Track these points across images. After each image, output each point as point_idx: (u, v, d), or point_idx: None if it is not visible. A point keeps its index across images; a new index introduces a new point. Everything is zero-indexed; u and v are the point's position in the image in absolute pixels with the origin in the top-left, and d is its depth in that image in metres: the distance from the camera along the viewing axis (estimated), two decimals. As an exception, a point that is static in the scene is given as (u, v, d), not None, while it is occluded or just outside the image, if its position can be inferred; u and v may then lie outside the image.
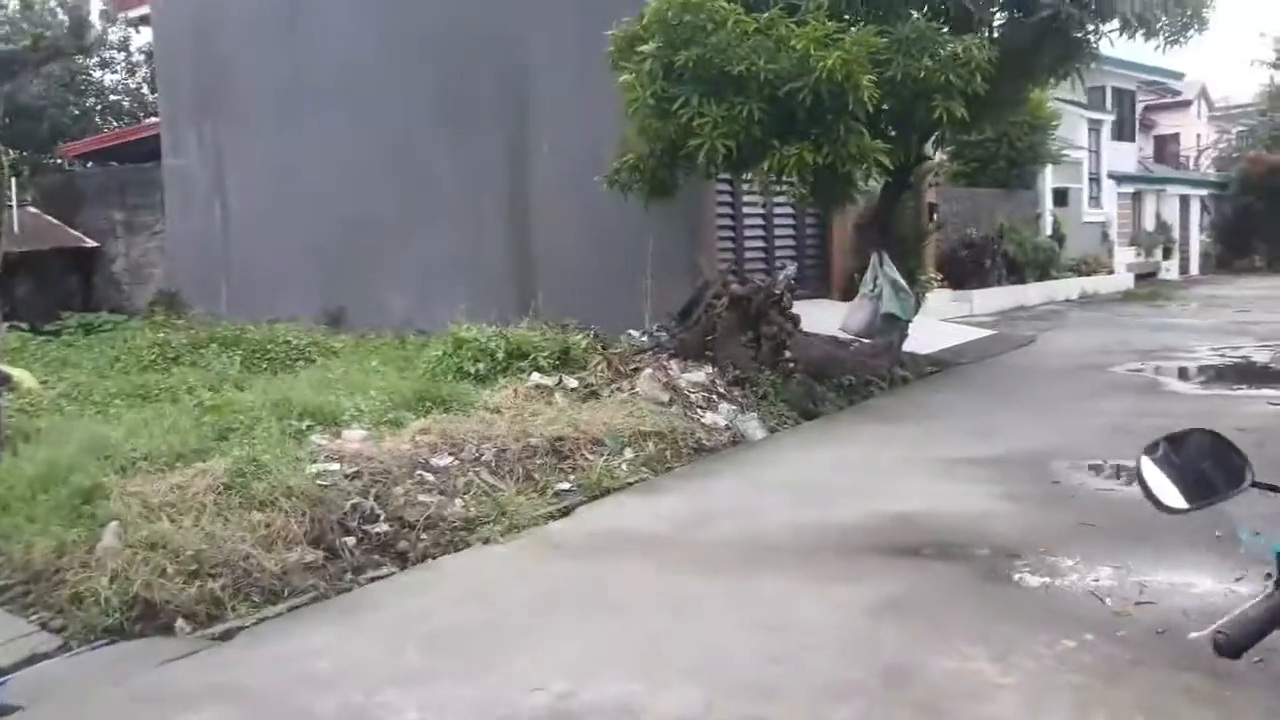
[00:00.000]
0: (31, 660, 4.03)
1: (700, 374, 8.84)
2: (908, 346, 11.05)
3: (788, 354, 9.25)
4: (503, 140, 12.48)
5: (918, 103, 8.76)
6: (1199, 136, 41.80)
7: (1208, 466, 1.82)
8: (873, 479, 6.59)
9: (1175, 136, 40.68)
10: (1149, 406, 8.91)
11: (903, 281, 10.84)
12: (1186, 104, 40.64)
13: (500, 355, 8.70)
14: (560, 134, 12.11)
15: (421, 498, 5.82)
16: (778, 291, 9.35)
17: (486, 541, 5.42)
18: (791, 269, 10.15)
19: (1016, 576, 4.60)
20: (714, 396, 8.62)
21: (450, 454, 6.42)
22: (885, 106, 8.70)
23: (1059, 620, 4.04)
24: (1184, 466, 1.83)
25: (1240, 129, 38.48)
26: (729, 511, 5.89)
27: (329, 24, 13.60)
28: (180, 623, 4.35)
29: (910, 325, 10.89)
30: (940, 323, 14.42)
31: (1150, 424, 8.02)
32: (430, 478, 6.08)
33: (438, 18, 12.68)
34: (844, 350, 10.59)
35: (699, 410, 8.30)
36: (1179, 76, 30.59)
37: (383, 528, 5.47)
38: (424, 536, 5.45)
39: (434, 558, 5.23)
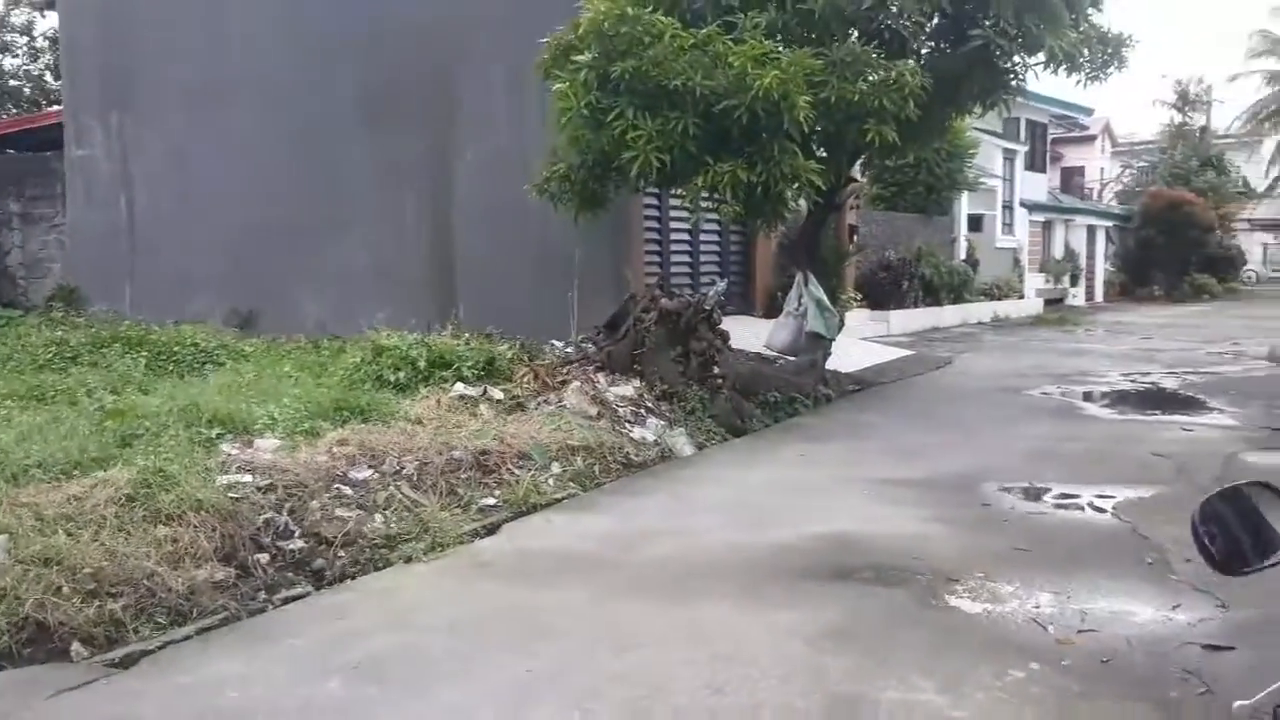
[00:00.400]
0: (-96, 689, 3.66)
1: (628, 388, 8.69)
2: (830, 365, 11.09)
3: (716, 370, 9.17)
4: (426, 143, 12.19)
5: (850, 125, 8.79)
6: (1102, 170, 43.50)
7: (1255, 528, 1.72)
8: (805, 499, 6.51)
9: (1080, 169, 42.25)
10: (1069, 430, 9.05)
11: (827, 301, 10.90)
12: (1092, 139, 42.24)
13: (422, 364, 8.42)
14: (487, 140, 11.88)
15: (339, 512, 5.53)
16: (707, 307, 9.27)
17: (409, 560, 5.16)
18: (721, 285, 10.07)
19: (956, 602, 4.53)
20: (642, 411, 8.48)
21: (370, 466, 6.15)
22: (818, 128, 8.72)
23: (1003, 649, 3.98)
24: (1235, 524, 1.72)
25: (1142, 164, 40.10)
26: (663, 531, 5.73)
27: (245, 16, 13.13)
28: (76, 646, 4.01)
29: (833, 344, 10.94)
30: (860, 341, 14.55)
31: (1072, 448, 8.17)
32: (348, 491, 5.80)
33: (360, 14, 12.34)
34: (769, 367, 10.57)
35: (627, 425, 8.14)
36: (1089, 112, 31.73)
37: (298, 544, 5.18)
38: (342, 554, 5.17)
39: (353, 577, 4.96)
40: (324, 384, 8.21)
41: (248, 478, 5.58)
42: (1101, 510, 6.16)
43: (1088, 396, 11.23)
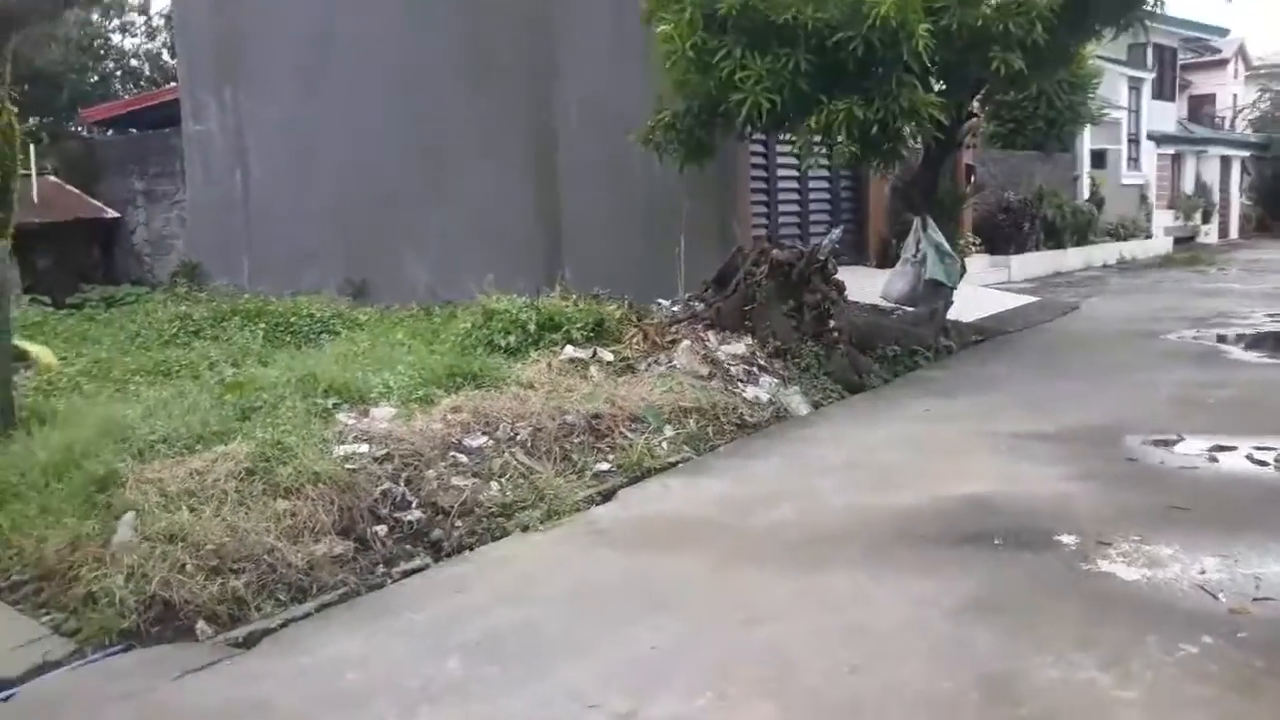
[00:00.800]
0: (43, 669, 3.70)
1: (740, 345, 8.44)
2: (950, 314, 10.60)
3: (832, 323, 8.82)
4: (529, 100, 12.02)
5: (972, 54, 8.29)
6: (1235, 96, 40.69)
7: None
8: (933, 458, 6.18)
9: (1210, 97, 39.55)
10: (1214, 376, 8.43)
11: (947, 246, 10.39)
12: (1224, 63, 39.49)
13: (532, 327, 8.32)
14: (591, 92, 11.63)
15: (455, 481, 5.47)
16: (821, 257, 8.91)
17: (526, 529, 5.06)
18: (836, 233, 9.66)
19: (1110, 568, 4.19)
20: (755, 369, 8.22)
21: (484, 433, 6.07)
22: (938, 58, 8.24)
23: (1169, 619, 3.64)
24: None
25: (1281, 89, 37.41)
26: (783, 494, 5.49)
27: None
28: (201, 625, 4.02)
29: (954, 292, 10.45)
30: (981, 289, 13.94)
31: (1220, 396, 7.61)
32: (464, 459, 5.73)
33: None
34: (887, 319, 10.16)
35: (740, 384, 7.90)
36: (1223, 33, 29.69)
37: (415, 515, 5.12)
38: (459, 524, 5.10)
39: (471, 547, 4.87)
40: (436, 350, 8.19)
41: (364, 447, 5.55)
42: (1263, 464, 5.67)
43: (1231, 340, 10.50)
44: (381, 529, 4.93)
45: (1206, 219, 27.91)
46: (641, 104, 9.75)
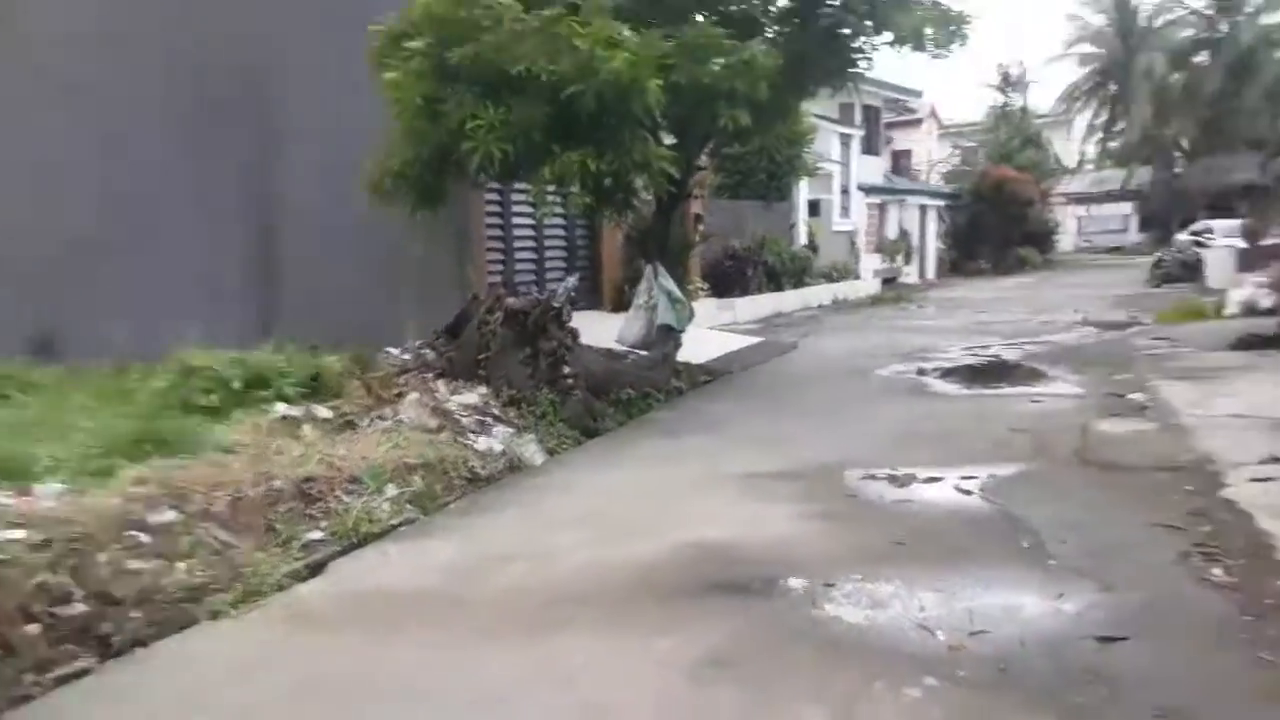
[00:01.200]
0: None
1: (473, 395, 8.09)
2: (681, 356, 10.75)
3: (567, 370, 8.65)
4: (243, 145, 11.14)
5: (701, 109, 8.48)
6: (930, 152, 45.01)
7: None
8: (666, 503, 6.06)
9: (908, 153, 43.55)
10: (922, 409, 8.94)
11: (678, 292, 10.60)
12: (919, 122, 43.66)
13: (237, 384, 7.56)
14: (312, 138, 10.93)
15: (132, 565, 4.73)
16: (557, 304, 8.74)
17: (216, 615, 4.44)
18: (572, 281, 9.55)
19: (836, 611, 4.15)
20: (488, 419, 7.88)
21: (172, 507, 5.34)
22: (668, 113, 8.35)
23: (894, 662, 3.60)
24: None
25: (968, 145, 41.80)
26: (516, 555, 5.16)
27: (43, 20, 11.77)
28: None
29: (683, 335, 10.61)
30: (709, 331, 14.33)
31: (928, 428, 8.03)
32: (145, 539, 4.99)
33: (167, 16, 11.21)
34: (621, 363, 10.13)
35: (471, 435, 7.53)
36: (918, 94, 32.73)
37: (79, 608, 4.37)
38: (135, 615, 4.39)
39: (146, 643, 4.20)
40: (124, 414, 7.26)
41: (19, 534, 4.72)
42: (968, 493, 5.94)
43: (935, 373, 11.21)
44: (33, 629, 4.16)
45: (908, 261, 30.40)
46: (370, 147, 9.25)
